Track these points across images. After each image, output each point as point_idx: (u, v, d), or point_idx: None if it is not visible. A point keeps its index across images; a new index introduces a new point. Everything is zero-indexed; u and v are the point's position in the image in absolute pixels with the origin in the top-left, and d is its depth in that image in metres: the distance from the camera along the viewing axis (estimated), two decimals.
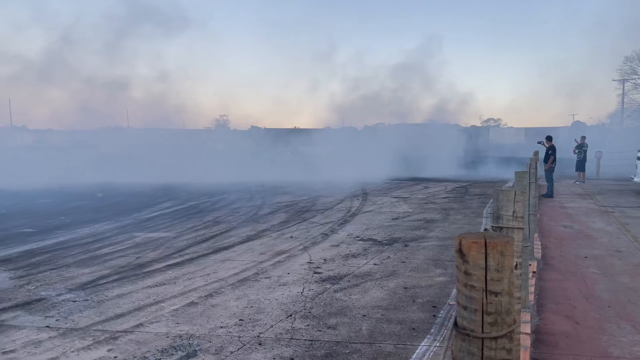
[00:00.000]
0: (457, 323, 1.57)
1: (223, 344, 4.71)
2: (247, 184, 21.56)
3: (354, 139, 35.24)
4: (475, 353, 1.55)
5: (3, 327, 5.17)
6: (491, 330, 1.53)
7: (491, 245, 1.49)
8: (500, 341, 1.55)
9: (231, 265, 7.81)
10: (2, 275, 7.26)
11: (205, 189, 19.92)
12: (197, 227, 11.67)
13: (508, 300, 1.54)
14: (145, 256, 8.51)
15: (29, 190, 19.75)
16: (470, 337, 1.53)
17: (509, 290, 1.54)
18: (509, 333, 1.55)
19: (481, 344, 1.53)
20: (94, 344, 4.73)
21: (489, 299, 1.52)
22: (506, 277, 1.54)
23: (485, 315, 1.52)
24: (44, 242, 9.89)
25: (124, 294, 6.31)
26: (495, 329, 1.53)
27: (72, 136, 48.67)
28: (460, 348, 1.57)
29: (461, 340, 1.56)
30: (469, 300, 1.53)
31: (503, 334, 1.54)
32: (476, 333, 1.52)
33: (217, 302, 6.00)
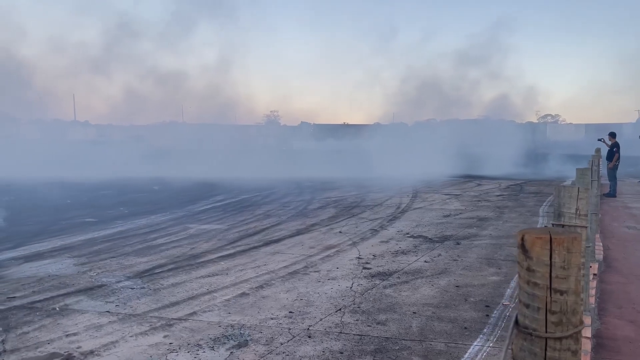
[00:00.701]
0: (518, 321, 1.51)
1: (273, 335, 4.77)
2: (297, 179, 21.74)
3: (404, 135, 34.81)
4: (538, 353, 1.49)
5: (67, 311, 5.46)
6: (555, 330, 1.46)
7: (557, 241, 1.42)
8: (565, 342, 1.48)
9: (281, 258, 7.90)
10: (67, 261, 7.66)
11: (255, 184, 20.25)
12: (248, 220, 11.88)
13: (574, 299, 1.47)
14: (199, 247, 8.76)
15: (91, 182, 20.74)
16: (532, 336, 1.47)
17: (575, 289, 1.46)
18: (575, 334, 1.47)
19: (544, 344, 1.47)
20: (151, 330, 4.91)
21: (553, 297, 1.45)
22: (573, 275, 1.46)
23: (549, 314, 1.45)
24: (104, 231, 10.37)
25: (178, 283, 6.52)
26: (560, 329, 1.46)
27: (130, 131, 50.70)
28: (522, 347, 1.51)
29: (523, 340, 1.50)
30: (531, 298, 1.47)
31: (568, 334, 1.47)
32: (539, 332, 1.46)
33: (268, 293, 6.09)
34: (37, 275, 6.86)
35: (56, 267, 7.30)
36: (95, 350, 4.44)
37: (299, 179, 21.83)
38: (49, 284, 6.45)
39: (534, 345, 1.49)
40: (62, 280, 6.62)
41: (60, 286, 6.37)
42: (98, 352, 4.40)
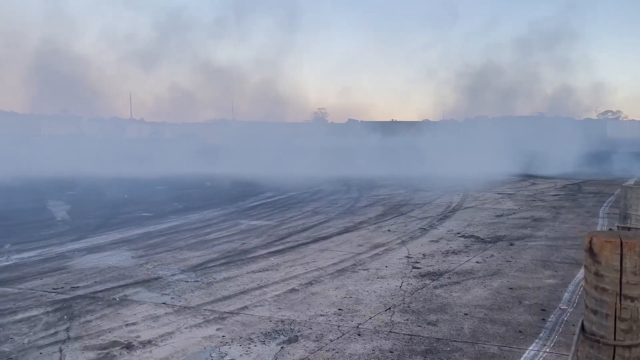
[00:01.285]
0: (584, 327, 1.46)
1: (323, 332, 4.81)
2: (344, 177, 21.75)
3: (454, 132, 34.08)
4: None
5: (126, 302, 5.70)
6: (625, 338, 1.40)
7: (628, 245, 1.36)
8: (635, 350, 1.42)
9: (330, 255, 7.94)
10: (125, 254, 8.00)
11: (303, 181, 20.41)
12: (297, 217, 12.00)
13: None
14: (249, 242, 8.93)
15: (147, 178, 21.55)
16: (600, 343, 1.42)
17: None
18: None
19: (612, 351, 1.41)
20: (204, 323, 5.06)
21: (623, 304, 1.39)
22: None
23: (619, 322, 1.40)
24: (159, 225, 10.75)
25: (230, 278, 6.67)
26: (630, 337, 1.40)
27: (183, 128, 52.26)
28: (588, 355, 1.46)
29: (589, 347, 1.45)
30: (599, 304, 1.41)
31: (639, 342, 1.41)
32: (607, 340, 1.40)
33: (317, 290, 6.13)
34: (98, 267, 7.21)
35: (116, 259, 7.64)
36: (153, 340, 4.61)
37: (346, 177, 21.83)
38: (110, 275, 6.76)
39: (601, 353, 1.43)
40: (122, 272, 6.92)
41: (119, 277, 6.66)
42: (155, 342, 4.57)
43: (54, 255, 7.96)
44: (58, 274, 6.84)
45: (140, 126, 58.24)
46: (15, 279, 6.56)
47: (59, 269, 7.10)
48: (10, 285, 6.27)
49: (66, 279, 6.59)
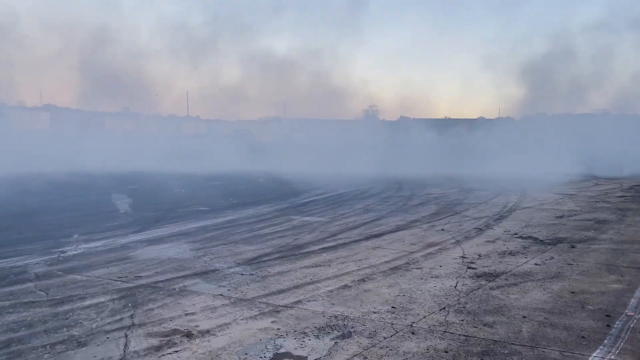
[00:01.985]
0: None
1: (376, 329, 4.81)
2: (395, 175, 21.56)
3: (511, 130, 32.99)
4: None
5: (185, 292, 5.92)
6: None
7: None
8: None
9: (382, 253, 7.91)
10: (184, 247, 8.30)
11: (354, 178, 20.39)
12: (348, 214, 12.02)
13: None
14: (302, 238, 9.03)
15: (203, 174, 22.21)
16: None
17: None
18: None
19: None
20: (260, 315, 5.17)
21: None
22: None
23: None
24: (216, 219, 11.07)
25: (284, 272, 6.79)
26: None
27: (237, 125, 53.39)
28: None
29: None
30: None
31: None
32: None
33: (370, 287, 6.13)
34: (159, 258, 7.51)
35: (175, 251, 7.94)
36: (211, 330, 4.77)
37: (397, 175, 21.63)
38: (169, 266, 7.04)
39: None
40: (181, 264, 7.18)
41: (179, 269, 6.92)
42: (213, 331, 4.73)
43: (118, 245, 8.36)
44: (122, 263, 7.18)
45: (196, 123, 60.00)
46: (84, 267, 6.94)
47: (123, 258, 7.46)
48: (79, 273, 6.65)
49: (130, 268, 6.91)
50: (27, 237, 8.94)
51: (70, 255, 7.67)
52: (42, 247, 8.10)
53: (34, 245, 8.25)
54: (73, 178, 20.25)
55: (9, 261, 7.20)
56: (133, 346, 4.38)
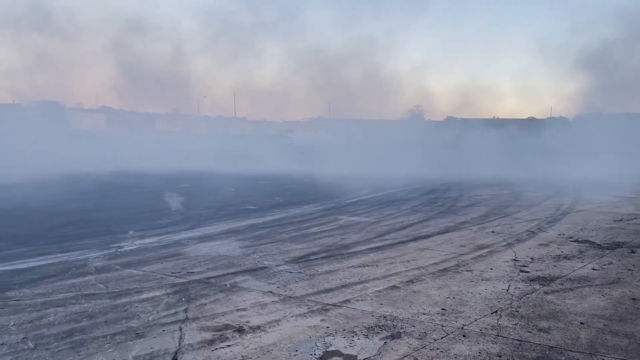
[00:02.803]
0: None
1: (426, 330, 4.76)
2: (443, 175, 21.22)
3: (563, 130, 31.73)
4: None
5: (236, 288, 6.05)
6: None
7: None
8: None
9: (430, 255, 7.81)
10: (234, 244, 8.48)
11: (400, 179, 20.22)
12: (395, 214, 11.93)
13: None
14: (349, 238, 9.05)
15: (250, 173, 22.60)
16: None
17: None
18: None
19: None
20: (309, 313, 5.22)
21: None
22: None
23: None
24: (264, 218, 11.25)
25: (331, 271, 6.82)
26: None
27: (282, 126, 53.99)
28: None
29: None
30: None
31: None
32: None
33: (419, 288, 6.07)
34: (210, 255, 7.71)
35: (225, 249, 8.13)
36: (262, 326, 4.86)
37: (444, 175, 21.28)
38: (220, 263, 7.21)
39: None
40: (231, 260, 7.35)
41: (229, 265, 7.08)
42: (264, 328, 4.81)
43: (171, 242, 8.65)
44: (175, 259, 7.42)
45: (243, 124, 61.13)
46: (139, 262, 7.22)
47: (175, 255, 7.71)
48: (136, 268, 6.92)
49: (182, 264, 7.14)
50: (87, 233, 9.39)
51: (126, 250, 7.99)
52: (101, 242, 8.48)
53: (93, 241, 8.65)
54: (128, 178, 21.07)
55: (71, 255, 7.58)
56: (187, 339, 4.52)
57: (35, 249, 7.99)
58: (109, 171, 22.61)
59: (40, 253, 7.66)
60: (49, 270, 6.73)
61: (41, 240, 8.67)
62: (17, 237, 8.87)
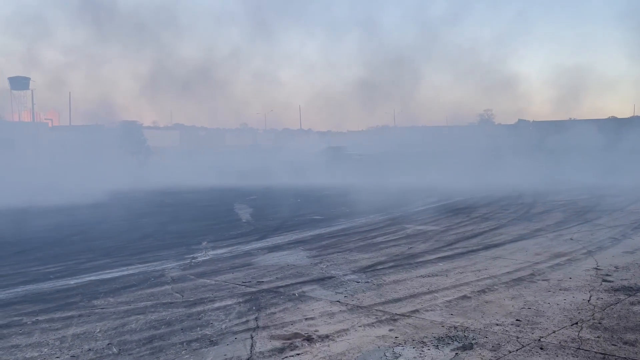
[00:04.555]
0: None
1: (500, 342, 4.58)
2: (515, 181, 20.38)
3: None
4: None
5: (304, 297, 6.13)
6: None
7: None
8: None
9: (503, 263, 7.52)
10: (301, 254, 8.61)
11: (469, 186, 19.65)
12: (464, 222, 11.61)
13: None
14: (416, 247, 8.90)
15: (316, 184, 22.86)
16: None
17: None
18: None
19: None
20: (377, 322, 5.19)
21: None
22: None
23: None
24: (330, 228, 11.33)
25: (399, 280, 6.74)
26: None
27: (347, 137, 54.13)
28: None
29: None
30: None
31: None
32: None
33: (491, 298, 5.86)
34: (278, 264, 7.87)
35: (293, 258, 8.26)
36: (330, 335, 4.88)
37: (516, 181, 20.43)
38: (289, 272, 7.34)
39: None
40: (299, 270, 7.46)
41: (297, 275, 7.19)
42: (332, 337, 4.84)
43: (241, 252, 8.91)
44: (246, 269, 7.64)
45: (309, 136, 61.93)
46: (212, 272, 7.50)
47: (246, 264, 7.93)
48: (209, 277, 7.19)
49: (252, 274, 7.33)
50: (164, 245, 9.89)
51: (200, 260, 8.33)
52: (176, 254, 8.90)
53: (169, 252, 9.09)
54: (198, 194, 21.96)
55: (149, 265, 8.01)
56: (258, 347, 4.63)
57: (118, 260, 8.51)
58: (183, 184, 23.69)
59: (122, 264, 8.15)
60: (130, 280, 7.15)
61: (123, 252, 9.23)
62: (102, 249, 9.49)
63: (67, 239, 10.54)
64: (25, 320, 5.46)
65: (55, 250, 9.54)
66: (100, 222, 13.64)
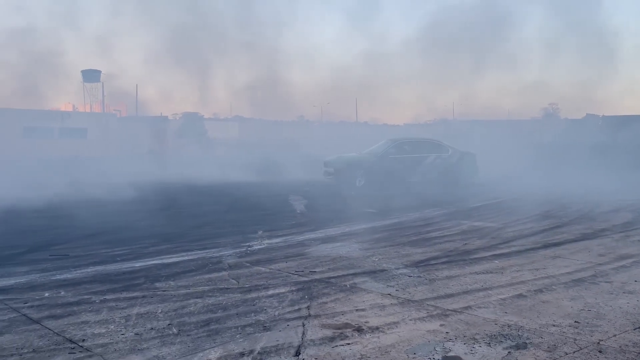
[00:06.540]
0: None
1: (556, 343, 4.46)
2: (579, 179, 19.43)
3: None
4: None
5: (355, 289, 6.20)
6: None
7: None
8: None
9: (563, 263, 7.26)
10: (354, 246, 8.67)
11: (528, 181, 18.96)
12: (523, 220, 11.26)
13: None
14: (472, 243, 8.74)
15: None
16: None
17: None
18: None
19: None
20: (428, 317, 5.18)
21: None
22: None
23: None
24: (383, 221, 11.31)
25: (452, 276, 6.67)
26: None
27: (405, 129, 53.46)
28: None
29: None
30: None
31: None
32: None
33: (548, 298, 5.69)
34: (330, 255, 7.98)
35: (345, 250, 8.34)
36: (380, 327, 4.93)
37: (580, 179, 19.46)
38: (341, 264, 7.43)
39: None
40: (351, 262, 7.53)
41: (349, 266, 7.27)
42: (382, 329, 4.88)
43: (295, 242, 9.09)
44: (299, 259, 7.80)
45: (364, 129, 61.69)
46: (267, 261, 7.71)
47: (299, 254, 8.09)
48: (263, 265, 7.41)
49: (305, 263, 7.48)
50: (221, 232, 10.24)
51: (255, 249, 8.58)
52: (233, 241, 9.20)
53: (227, 239, 9.41)
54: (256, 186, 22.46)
55: (207, 252, 8.34)
56: (310, 335, 4.75)
57: (178, 245, 8.91)
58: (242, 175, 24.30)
59: (182, 250, 8.53)
60: (189, 265, 7.48)
61: (183, 238, 9.65)
62: (164, 235, 9.97)
63: (133, 225, 11.14)
64: (94, 299, 5.86)
65: (121, 234, 10.12)
66: (163, 209, 14.30)
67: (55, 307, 5.58)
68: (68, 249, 8.69)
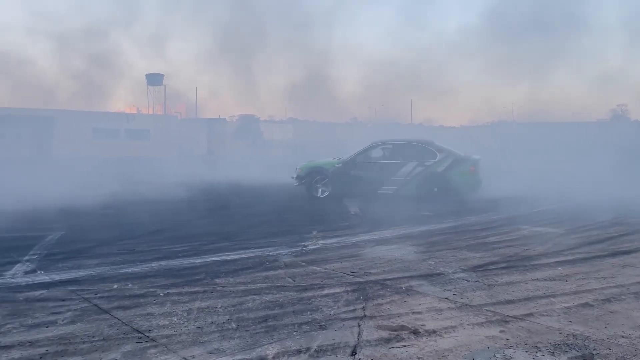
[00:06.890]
0: None
1: (625, 355, 4.24)
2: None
3: None
4: None
5: (412, 292, 6.14)
6: None
7: None
8: None
9: (633, 272, 6.88)
10: (409, 249, 8.58)
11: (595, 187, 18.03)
12: (589, 226, 10.74)
13: None
14: (533, 249, 8.44)
15: None
16: None
17: None
18: None
19: None
20: (487, 322, 5.06)
21: None
22: None
23: None
24: (440, 224, 11.12)
25: (512, 282, 6.47)
26: None
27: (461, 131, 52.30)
28: None
29: None
30: None
31: None
32: None
33: (617, 309, 5.42)
34: (385, 257, 7.94)
35: (401, 252, 8.27)
36: (437, 330, 4.87)
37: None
38: (396, 266, 7.38)
39: None
40: (406, 264, 7.46)
41: (404, 269, 7.21)
42: (439, 332, 4.82)
43: (349, 243, 9.11)
44: (353, 259, 7.81)
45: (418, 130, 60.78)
46: (322, 261, 7.78)
47: (353, 255, 8.11)
48: (318, 265, 7.48)
49: (360, 265, 7.48)
50: (278, 232, 10.42)
51: (310, 249, 8.67)
52: (289, 241, 9.35)
53: (283, 239, 9.57)
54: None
55: (264, 250, 8.52)
56: (365, 335, 4.76)
57: (237, 243, 9.16)
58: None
59: (240, 247, 8.76)
60: (247, 262, 7.67)
61: (241, 237, 9.90)
62: (222, 233, 10.27)
63: (192, 223, 11.54)
64: (158, 292, 6.14)
65: (182, 231, 10.52)
66: (222, 208, 14.73)
67: (124, 299, 5.89)
68: (134, 244, 9.14)
